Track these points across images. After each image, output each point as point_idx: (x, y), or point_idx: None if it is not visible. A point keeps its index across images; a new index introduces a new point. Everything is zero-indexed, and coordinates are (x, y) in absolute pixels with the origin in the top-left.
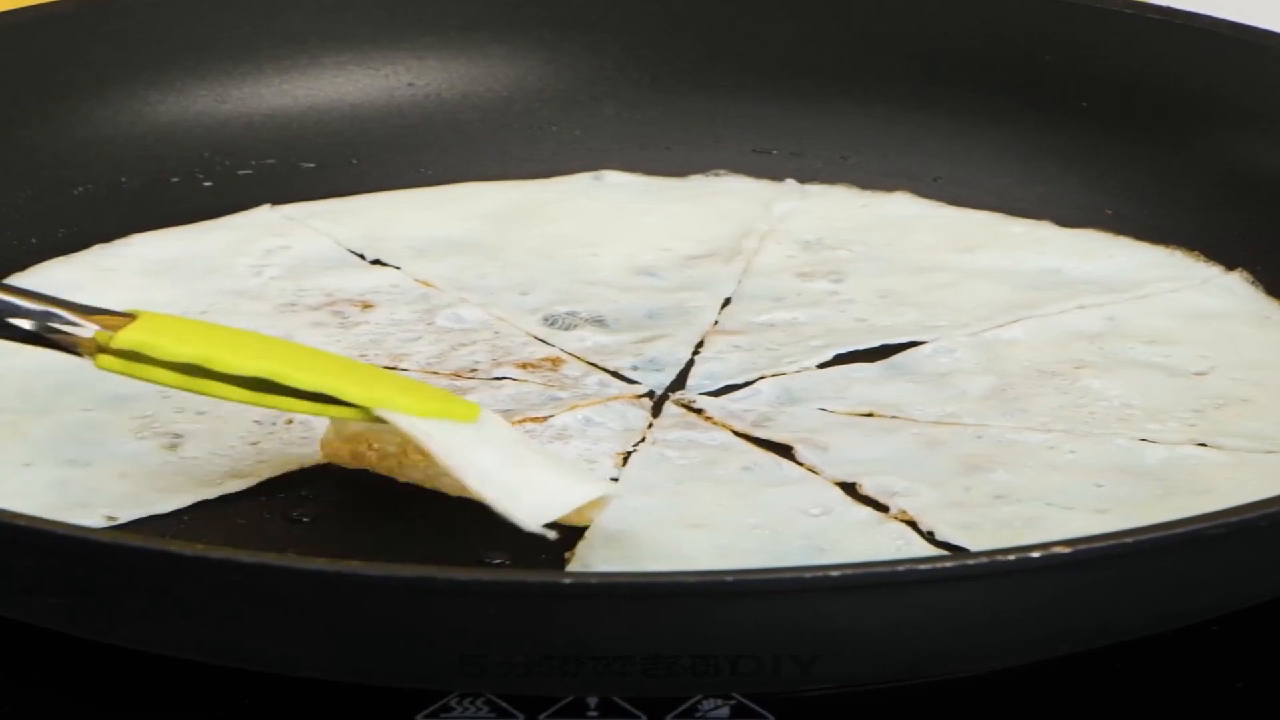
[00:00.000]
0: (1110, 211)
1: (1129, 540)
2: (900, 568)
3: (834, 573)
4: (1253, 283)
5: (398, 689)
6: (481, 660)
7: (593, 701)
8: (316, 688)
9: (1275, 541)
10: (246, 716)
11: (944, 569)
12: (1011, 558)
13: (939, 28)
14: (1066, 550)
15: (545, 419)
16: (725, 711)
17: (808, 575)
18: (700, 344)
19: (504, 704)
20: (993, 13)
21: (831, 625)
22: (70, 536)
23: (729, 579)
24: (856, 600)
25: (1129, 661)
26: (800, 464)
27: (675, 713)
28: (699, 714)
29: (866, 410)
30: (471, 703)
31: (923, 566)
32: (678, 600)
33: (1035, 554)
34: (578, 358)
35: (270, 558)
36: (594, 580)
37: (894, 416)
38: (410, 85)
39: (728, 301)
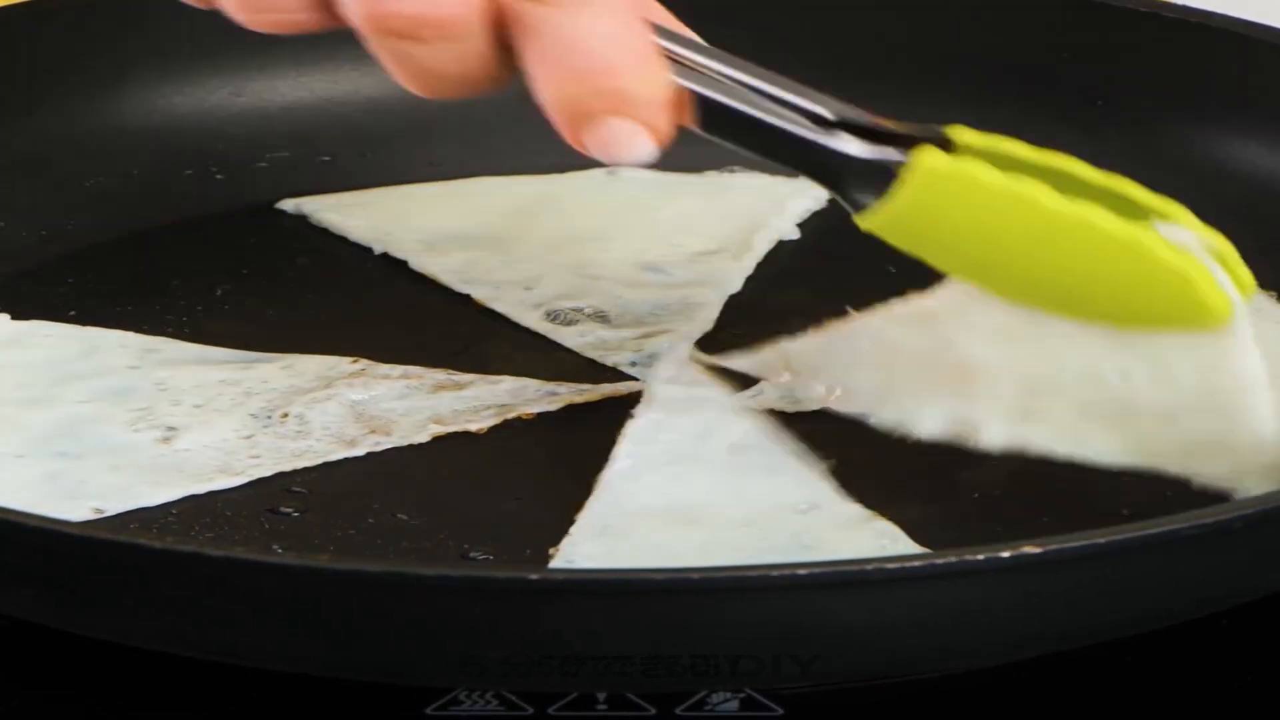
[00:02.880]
0: None
1: (1101, 541)
2: (868, 567)
3: (801, 571)
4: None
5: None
6: (471, 657)
7: (601, 695)
8: (323, 682)
9: (1251, 543)
10: (254, 711)
11: (905, 569)
12: (980, 557)
13: (956, 27)
14: (1036, 550)
15: (538, 415)
16: (734, 705)
17: (774, 574)
18: (702, 339)
19: (513, 698)
20: (1009, 12)
21: (803, 623)
22: (38, 529)
23: (694, 576)
24: (828, 598)
25: (1137, 655)
26: (792, 460)
27: (684, 706)
28: (708, 708)
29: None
30: (480, 696)
31: (889, 565)
32: (635, 596)
33: (1005, 554)
34: (576, 353)
35: (239, 551)
36: (558, 577)
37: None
38: None
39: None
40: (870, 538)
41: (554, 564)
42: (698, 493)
